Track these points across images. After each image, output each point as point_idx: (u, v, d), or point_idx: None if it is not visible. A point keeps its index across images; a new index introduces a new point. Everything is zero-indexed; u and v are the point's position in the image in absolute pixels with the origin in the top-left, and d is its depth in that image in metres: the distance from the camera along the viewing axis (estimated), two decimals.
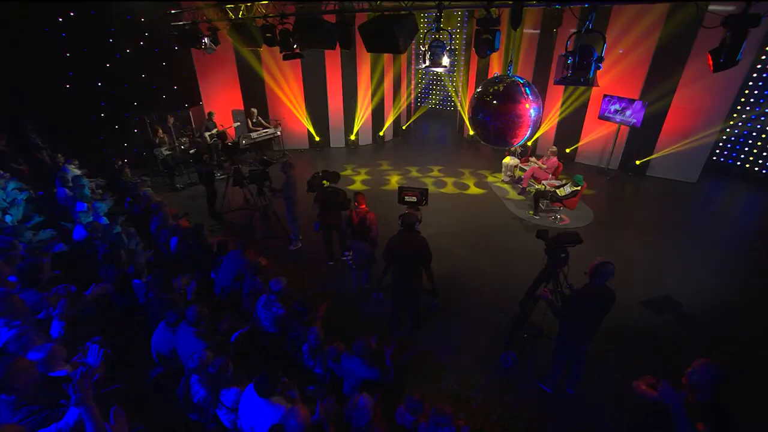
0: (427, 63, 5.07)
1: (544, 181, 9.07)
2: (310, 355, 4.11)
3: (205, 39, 7.85)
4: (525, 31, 11.24)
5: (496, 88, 4.53)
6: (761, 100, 9.93)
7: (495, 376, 4.99)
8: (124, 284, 4.23)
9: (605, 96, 10.37)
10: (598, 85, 4.04)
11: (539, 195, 8.49)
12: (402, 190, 6.10)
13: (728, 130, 10.46)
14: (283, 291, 4.59)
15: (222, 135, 9.39)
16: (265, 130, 11.41)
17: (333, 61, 11.91)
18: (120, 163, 8.44)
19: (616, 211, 9.00)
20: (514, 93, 4.40)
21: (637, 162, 10.62)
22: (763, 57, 9.73)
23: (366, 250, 5.93)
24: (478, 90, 4.85)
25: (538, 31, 11.02)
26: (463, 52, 13.41)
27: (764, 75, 9.83)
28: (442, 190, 9.95)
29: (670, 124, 9.96)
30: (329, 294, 6.35)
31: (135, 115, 10.34)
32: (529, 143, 10.50)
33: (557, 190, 8.36)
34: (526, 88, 4.45)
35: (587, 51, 3.73)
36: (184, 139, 10.40)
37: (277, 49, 6.86)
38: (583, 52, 3.73)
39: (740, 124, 10.36)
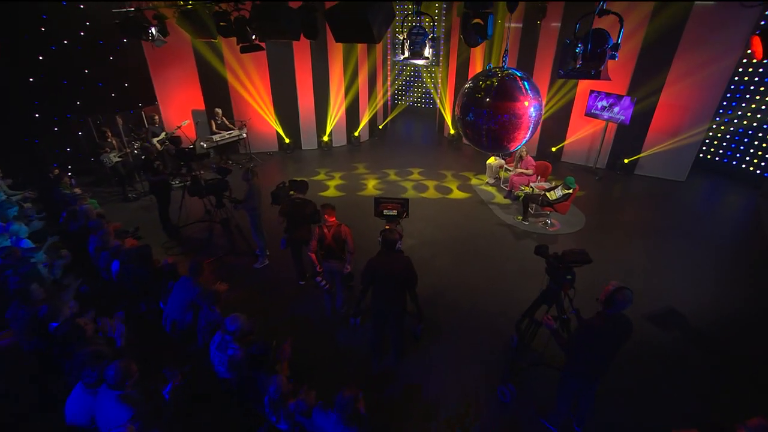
0: (406, 54, 4.42)
1: (532, 184, 8.66)
2: (272, 409, 3.41)
3: (152, 29, 7.00)
4: (507, 24, 10.80)
5: (489, 82, 3.92)
6: (747, 96, 9.84)
7: (492, 413, 4.40)
8: (37, 329, 3.41)
9: (592, 92, 10.14)
10: (609, 78, 3.45)
11: (528, 199, 8.05)
12: (379, 203, 5.53)
13: (715, 127, 10.34)
14: (241, 330, 3.87)
15: (175, 139, 8.52)
16: (228, 133, 10.63)
17: (302, 55, 11.34)
18: (57, 171, 7.48)
19: (607, 213, 8.73)
20: (511, 89, 3.81)
21: (626, 161, 10.48)
22: (749, 52, 9.51)
23: (340, 270, 5.28)
24: (468, 86, 4.24)
25: (520, 25, 10.60)
26: (442, 45, 12.92)
27: (750, 71, 9.68)
28: (424, 195, 9.48)
29: (658, 121, 9.82)
30: (300, 320, 5.67)
31: (79, 116, 9.33)
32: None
33: (548, 194, 7.95)
34: (525, 83, 3.86)
35: (601, 37, 3.16)
36: (137, 143, 9.47)
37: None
38: (596, 39, 3.16)
39: (726, 120, 10.29)
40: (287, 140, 12.21)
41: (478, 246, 7.41)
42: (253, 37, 5.92)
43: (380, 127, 14.32)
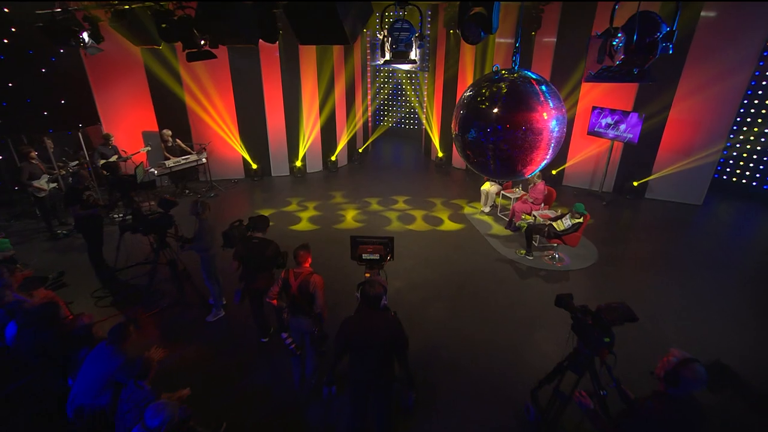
0: (387, 56, 3.74)
1: (535, 212, 8.15)
2: None
3: (84, 34, 6.27)
4: (498, 40, 10.55)
5: (496, 88, 3.25)
6: (764, 112, 9.65)
7: None
8: None
9: (595, 108, 9.86)
10: (656, 79, 2.81)
11: (532, 230, 7.48)
12: (357, 244, 4.81)
13: (730, 146, 10.17)
14: (168, 424, 2.98)
15: (110, 165, 7.69)
16: (184, 158, 9.96)
17: (271, 68, 10.92)
18: None
19: (620, 243, 8.26)
20: (525, 96, 3.17)
21: (635, 183, 10.21)
22: (762, 64, 9.37)
23: (311, 328, 4.48)
24: (468, 93, 3.58)
25: (510, 41, 10.32)
26: (426, 55, 12.59)
27: (764, 83, 9.53)
28: (411, 227, 8.90)
29: (669, 140, 9.59)
30: (260, 391, 4.79)
31: None
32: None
33: (554, 224, 7.37)
34: (543, 88, 3.19)
35: (651, 22, 2.52)
36: (74, 165, 8.60)
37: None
38: (644, 24, 2.51)
39: (741, 137, 10.11)
40: (254, 166, 11.68)
41: (476, 287, 6.76)
42: (202, 42, 5.22)
43: (360, 150, 14.00)
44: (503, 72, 3.48)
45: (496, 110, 3.37)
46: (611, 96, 9.80)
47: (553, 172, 11.13)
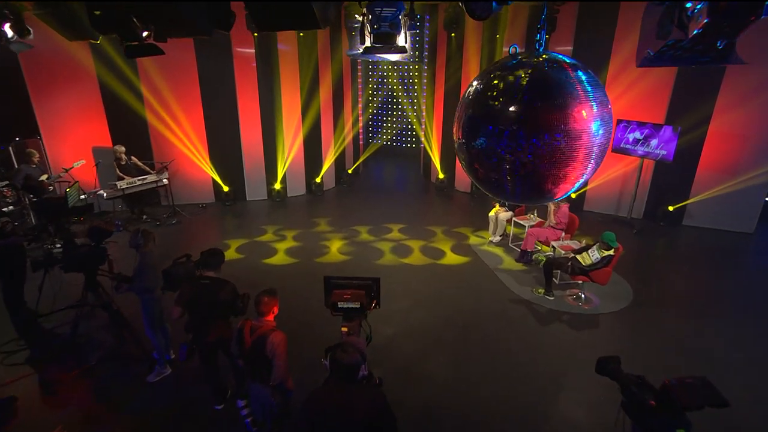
0: (367, 43, 3.10)
1: (554, 243, 7.69)
2: None
3: (6, 26, 5.71)
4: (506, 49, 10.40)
5: (513, 77, 2.66)
6: None
7: None
8: None
9: (620, 122, 9.56)
10: (745, 62, 2.18)
11: (552, 265, 6.98)
12: (332, 286, 4.23)
13: None
14: None
15: (33, 187, 7.04)
16: (141, 178, 9.48)
17: (246, 75, 10.68)
18: None
19: (658, 280, 7.79)
20: (556, 86, 2.61)
21: (670, 208, 9.89)
22: None
23: (271, 400, 3.75)
24: (475, 87, 3.03)
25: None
26: (425, 58, 12.28)
27: None
28: (406, 260, 8.43)
29: (710, 157, 9.30)
30: None
31: None
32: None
33: (578, 257, 6.86)
34: (581, 75, 2.60)
35: None
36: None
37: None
38: None
39: None
40: (226, 188, 11.31)
41: (486, 334, 6.19)
42: (145, 33, 4.62)
43: (349, 171, 13.74)
44: (523, 55, 2.86)
45: (514, 108, 2.76)
46: (639, 107, 9.47)
47: (573, 195, 10.44)
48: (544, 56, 2.80)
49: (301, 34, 10.59)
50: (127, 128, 10.22)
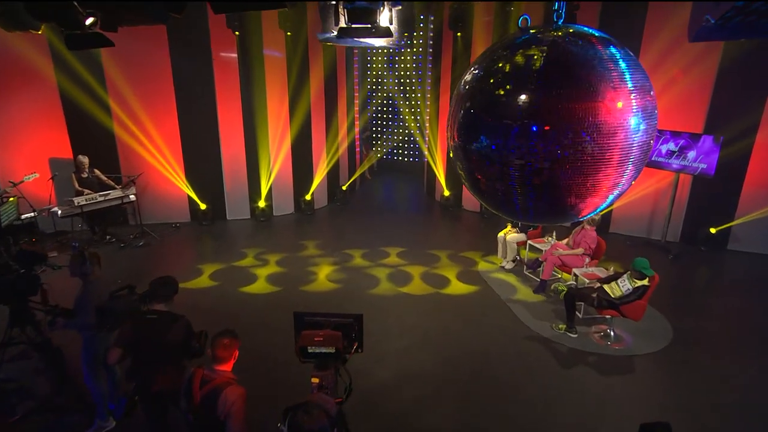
0: (342, 23, 2.71)
1: (577, 270, 7.40)
2: None
3: None
4: None
5: (525, 58, 2.36)
6: None
7: None
8: None
9: None
10: None
11: (575, 296, 6.71)
12: (302, 325, 3.92)
13: None
14: None
15: None
16: (104, 194, 9.32)
17: (227, 79, 10.67)
18: None
19: (702, 314, 7.52)
20: (581, 68, 2.25)
21: (712, 230, 9.68)
22: None
23: None
24: (473, 73, 2.70)
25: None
26: (429, 59, 12.23)
27: None
28: (405, 290, 8.22)
29: (757, 172, 9.18)
30: None
31: None
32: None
33: (606, 287, 6.57)
34: (613, 52, 2.32)
35: None
36: None
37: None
38: None
39: None
40: (203, 206, 11.15)
41: (497, 379, 5.91)
42: (89, 21, 4.27)
43: (344, 188, 13.61)
44: (537, 29, 2.45)
45: (525, 98, 2.36)
46: (672, 114, 9.26)
47: (597, 215, 10.29)
48: (563, 30, 2.39)
49: (289, 33, 10.50)
50: (90, 138, 10.10)
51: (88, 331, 4.74)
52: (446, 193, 12.62)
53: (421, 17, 13.82)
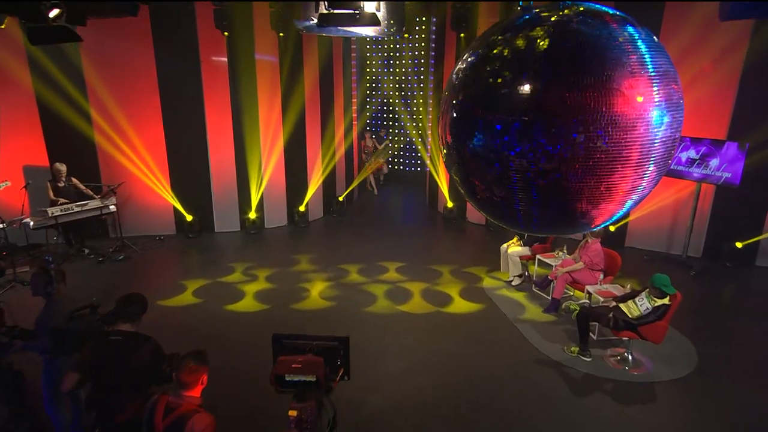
0: (322, 8, 2.56)
1: (590, 288, 7.23)
2: None
3: None
4: None
5: (527, 40, 2.21)
6: None
7: None
8: None
9: None
10: None
11: (588, 316, 6.56)
12: (279, 348, 3.78)
13: None
14: None
15: None
16: (81, 204, 9.21)
17: (216, 82, 10.65)
18: None
19: (730, 337, 7.35)
20: (594, 52, 2.10)
21: (738, 245, 9.54)
22: None
23: None
24: (467, 61, 2.53)
25: None
26: (432, 63, 12.22)
27: None
28: (403, 308, 8.12)
29: None
30: None
31: None
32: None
33: (622, 306, 6.42)
34: (631, 32, 2.14)
35: None
36: None
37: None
38: None
39: None
40: (189, 218, 11.13)
41: (503, 409, 5.75)
42: (53, 13, 4.10)
43: (340, 198, 13.60)
44: (540, 7, 2.26)
45: (528, 88, 2.19)
46: (692, 118, 8.95)
47: (612, 228, 10.38)
48: (572, 8, 2.20)
49: (281, 34, 10.50)
50: (68, 144, 10.07)
51: (46, 350, 4.55)
52: (449, 204, 12.58)
53: (423, 18, 13.80)
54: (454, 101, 2.52)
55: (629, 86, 2.03)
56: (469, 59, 2.45)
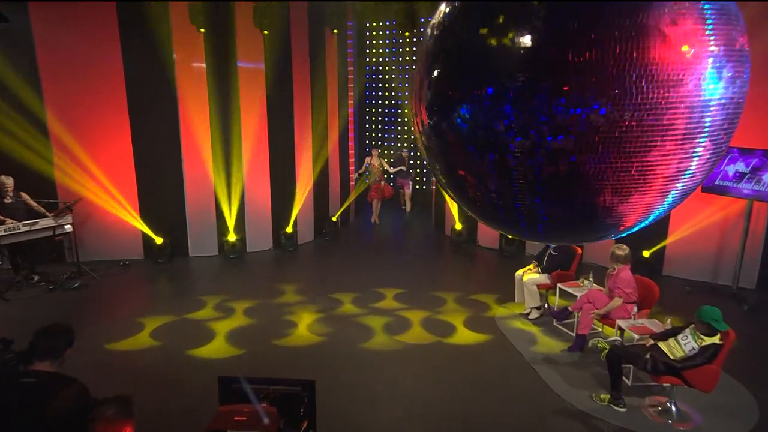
0: None
1: (622, 323, 6.95)
2: None
3: None
4: None
5: None
6: None
7: None
8: None
9: None
10: None
11: (620, 356, 6.27)
12: (230, 393, 3.72)
13: None
14: None
15: None
16: (30, 223, 9.03)
17: (193, 85, 10.64)
18: None
19: None
20: None
21: None
22: None
23: None
24: (444, 14, 2.23)
25: None
26: None
27: None
28: (401, 338, 8.10)
29: None
30: None
31: None
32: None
33: (661, 345, 6.10)
34: None
35: None
36: None
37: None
38: None
39: None
40: (159, 241, 11.00)
41: None
42: None
43: (334, 218, 13.60)
44: None
45: (528, 38, 1.83)
46: (742, 126, 8.81)
47: (646, 253, 10.20)
48: None
49: (266, 32, 10.50)
50: (18, 155, 9.95)
51: None
52: (458, 226, 12.54)
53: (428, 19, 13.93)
54: (431, 68, 2.16)
55: (672, 23, 1.63)
56: (449, 9, 2.07)
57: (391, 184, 15.08)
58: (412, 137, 16.54)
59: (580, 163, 1.84)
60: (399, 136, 17.26)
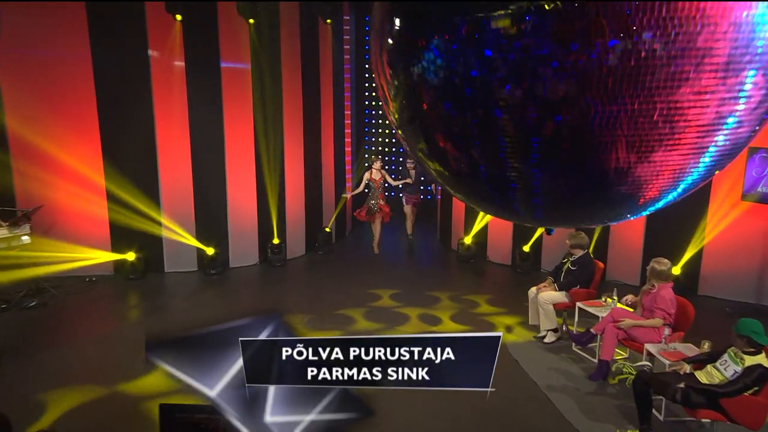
0: None
1: (651, 348, 6.70)
2: None
3: None
4: None
5: None
6: None
7: None
8: None
9: (754, 152, 9.36)
10: None
11: (649, 384, 6.03)
12: (172, 425, 3.80)
13: None
14: None
15: None
16: None
17: (170, 81, 10.58)
18: None
19: None
20: None
21: None
22: None
23: None
24: None
25: None
26: None
27: None
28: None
29: None
30: None
31: None
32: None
33: (697, 373, 5.86)
34: None
35: None
36: None
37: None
38: None
39: None
40: (131, 255, 10.89)
41: None
42: None
43: (327, 229, 13.57)
44: None
45: None
46: None
47: (677, 270, 9.90)
48: None
49: (251, 21, 10.45)
50: None
51: None
52: (466, 240, 12.44)
53: None
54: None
55: None
56: None
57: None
58: (396, 149, 16.64)
59: (585, 121, 1.54)
60: (389, 149, 17.34)
